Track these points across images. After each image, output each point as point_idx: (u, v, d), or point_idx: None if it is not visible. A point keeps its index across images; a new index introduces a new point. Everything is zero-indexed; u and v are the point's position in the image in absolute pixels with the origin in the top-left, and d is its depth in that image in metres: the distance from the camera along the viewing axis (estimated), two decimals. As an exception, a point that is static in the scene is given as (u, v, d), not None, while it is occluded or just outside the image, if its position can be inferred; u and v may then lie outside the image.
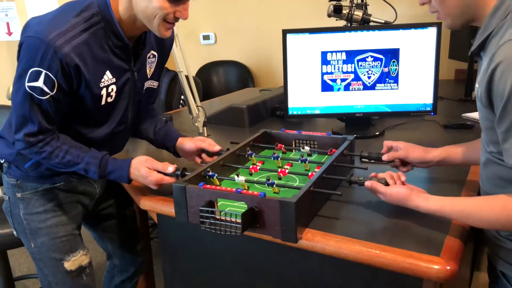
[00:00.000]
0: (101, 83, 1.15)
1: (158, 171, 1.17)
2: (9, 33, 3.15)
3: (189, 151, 1.33)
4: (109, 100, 1.19)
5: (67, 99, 1.12)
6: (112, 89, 1.18)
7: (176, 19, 1.12)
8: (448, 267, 0.83)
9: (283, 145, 1.39)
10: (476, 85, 0.91)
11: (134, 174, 1.18)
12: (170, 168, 1.16)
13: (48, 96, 1.08)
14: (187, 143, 1.34)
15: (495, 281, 1.01)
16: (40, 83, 1.06)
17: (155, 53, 1.32)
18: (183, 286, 1.26)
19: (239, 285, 1.15)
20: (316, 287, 1.02)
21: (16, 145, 1.16)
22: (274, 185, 1.09)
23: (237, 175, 1.14)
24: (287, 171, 1.21)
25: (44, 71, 1.05)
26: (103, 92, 1.16)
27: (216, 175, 1.14)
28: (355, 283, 0.97)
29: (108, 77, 1.16)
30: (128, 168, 1.18)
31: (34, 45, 1.04)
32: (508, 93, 0.78)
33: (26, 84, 1.06)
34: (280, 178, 1.19)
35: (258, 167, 1.24)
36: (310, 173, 1.16)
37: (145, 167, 1.17)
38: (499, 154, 0.88)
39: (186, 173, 1.16)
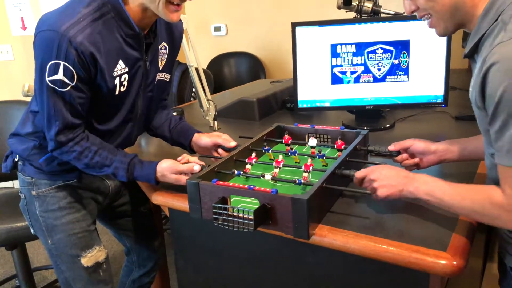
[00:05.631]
0: (114, 73, 1.16)
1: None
2: (24, 28, 3.20)
3: (205, 147, 1.35)
4: (122, 89, 1.21)
5: (88, 88, 1.14)
6: (125, 78, 1.20)
7: (182, 0, 1.13)
8: (455, 262, 0.83)
9: (290, 138, 1.38)
10: (470, 89, 0.91)
11: (162, 179, 1.21)
12: (197, 168, 1.18)
13: (69, 87, 1.09)
14: (203, 139, 1.35)
15: (504, 276, 1.02)
16: (60, 75, 1.08)
17: (166, 45, 1.32)
18: (195, 278, 1.29)
19: (249, 278, 1.17)
20: (325, 281, 1.04)
21: (49, 145, 1.18)
22: (302, 183, 1.09)
23: (263, 176, 1.14)
24: (311, 168, 1.16)
25: (62, 63, 1.07)
26: (116, 81, 1.17)
27: (241, 172, 1.16)
28: (363, 277, 0.98)
29: (121, 66, 1.17)
30: (154, 174, 1.20)
31: (49, 38, 1.06)
32: (500, 94, 0.79)
33: (47, 78, 1.08)
34: (308, 172, 1.15)
35: (281, 164, 1.21)
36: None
37: (171, 173, 1.19)
38: None
39: None
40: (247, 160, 1.23)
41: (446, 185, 0.92)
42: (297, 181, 1.10)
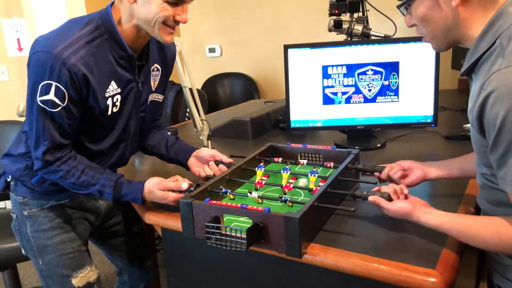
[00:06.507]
0: (106, 93, 1.18)
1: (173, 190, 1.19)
2: (20, 49, 3.23)
3: (204, 157, 1.37)
4: (115, 110, 1.22)
5: (78, 109, 1.15)
6: (117, 99, 1.21)
7: (176, 23, 1.15)
8: (444, 280, 0.84)
9: (280, 158, 1.40)
10: (469, 106, 0.91)
11: (149, 197, 1.21)
12: (184, 185, 1.18)
13: (59, 108, 1.11)
14: (203, 150, 1.39)
15: None
16: (51, 95, 1.09)
17: (159, 67, 1.35)
18: (188, 298, 1.29)
19: (242, 297, 1.17)
20: (317, 299, 1.04)
21: (35, 164, 1.18)
22: (288, 201, 1.11)
23: (250, 192, 1.16)
24: (291, 185, 1.21)
25: (54, 83, 1.08)
26: (109, 102, 1.19)
27: (229, 191, 1.17)
28: (355, 296, 0.99)
29: (113, 87, 1.19)
30: (142, 192, 1.20)
31: (43, 59, 1.08)
32: (500, 122, 0.79)
33: (38, 98, 1.09)
34: (285, 193, 1.20)
35: (263, 182, 1.25)
36: (314, 188, 1.18)
37: (158, 190, 1.18)
38: (492, 176, 0.90)
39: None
40: (258, 186, 1.24)
41: (453, 227, 0.92)
42: (283, 198, 1.11)
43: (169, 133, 1.93)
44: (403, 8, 0.97)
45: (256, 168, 1.31)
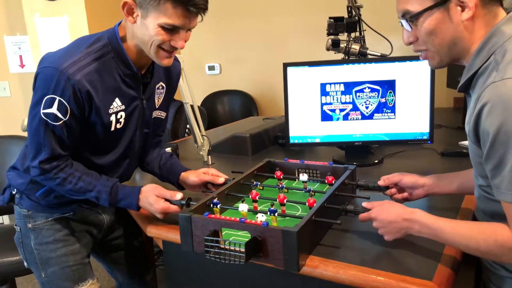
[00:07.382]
0: (110, 109, 1.20)
1: (166, 199, 1.21)
2: (22, 66, 3.28)
3: (193, 185, 1.38)
4: (118, 126, 1.25)
5: (79, 124, 1.18)
6: (121, 116, 1.24)
7: (173, 48, 1.17)
8: (440, 291, 0.86)
9: (282, 173, 1.42)
10: (467, 118, 0.94)
11: (142, 201, 1.23)
12: (178, 195, 1.21)
13: (61, 121, 1.14)
14: (190, 177, 1.37)
15: None
16: (54, 109, 1.12)
17: (164, 85, 1.38)
18: (188, 312, 1.29)
19: (242, 310, 1.18)
20: (316, 311, 1.05)
21: (32, 171, 1.21)
22: (276, 214, 1.12)
23: (242, 201, 1.18)
24: (285, 200, 1.21)
25: (57, 98, 1.12)
26: (112, 118, 1.22)
27: (220, 204, 1.18)
28: (353, 307, 1.00)
29: (117, 103, 1.22)
30: (137, 195, 1.23)
31: (49, 74, 1.12)
32: (494, 132, 0.82)
33: (41, 111, 1.13)
34: (283, 204, 1.20)
35: (257, 196, 1.25)
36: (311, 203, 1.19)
37: (153, 195, 1.21)
38: (488, 187, 0.92)
39: (191, 202, 1.21)
40: (250, 197, 1.25)
41: (447, 226, 0.93)
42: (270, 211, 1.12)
43: (168, 149, 1.96)
44: (408, 22, 0.93)
45: (250, 185, 1.33)
